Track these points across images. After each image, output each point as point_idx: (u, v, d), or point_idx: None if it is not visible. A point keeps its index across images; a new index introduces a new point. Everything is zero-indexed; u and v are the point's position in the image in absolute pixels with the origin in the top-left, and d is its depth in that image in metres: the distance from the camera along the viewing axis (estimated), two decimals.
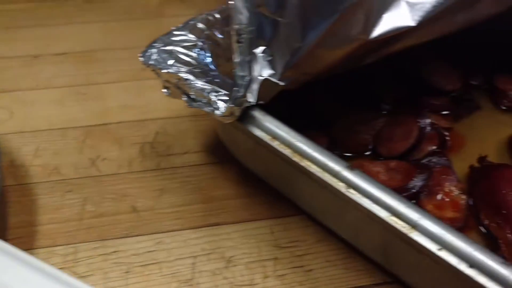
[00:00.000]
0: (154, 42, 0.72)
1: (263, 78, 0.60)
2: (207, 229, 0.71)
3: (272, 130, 0.59)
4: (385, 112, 0.88)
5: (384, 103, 0.89)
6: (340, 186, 0.53)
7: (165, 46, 0.70)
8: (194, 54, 0.69)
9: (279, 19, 0.59)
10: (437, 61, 0.93)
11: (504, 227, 0.65)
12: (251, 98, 0.60)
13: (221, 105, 0.59)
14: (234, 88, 0.57)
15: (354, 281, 0.65)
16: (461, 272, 0.46)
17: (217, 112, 0.59)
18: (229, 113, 0.58)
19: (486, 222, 0.69)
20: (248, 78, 0.57)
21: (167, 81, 0.69)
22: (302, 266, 0.67)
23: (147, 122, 0.88)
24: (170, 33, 0.74)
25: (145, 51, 0.71)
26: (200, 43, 0.72)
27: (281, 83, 0.62)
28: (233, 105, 0.57)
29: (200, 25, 0.75)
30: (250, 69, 0.57)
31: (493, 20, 0.95)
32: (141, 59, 0.70)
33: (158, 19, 1.18)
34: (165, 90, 0.71)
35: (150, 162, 0.81)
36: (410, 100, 0.91)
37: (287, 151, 0.57)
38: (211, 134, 0.85)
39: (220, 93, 0.59)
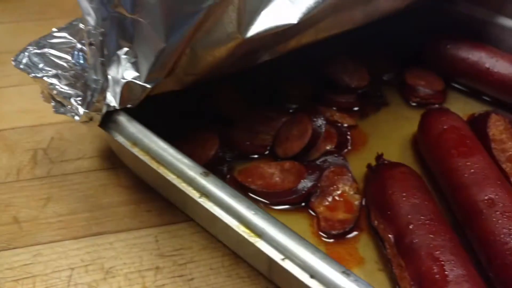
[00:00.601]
0: (29, 45, 0.68)
1: (125, 80, 0.57)
2: (90, 239, 0.68)
3: (133, 135, 0.56)
4: (291, 111, 0.86)
5: (289, 102, 0.87)
6: (194, 194, 0.50)
7: (38, 49, 0.67)
8: (69, 57, 0.66)
9: (140, 19, 0.56)
10: (344, 58, 0.92)
11: (387, 228, 0.64)
12: (114, 102, 0.57)
13: (81, 111, 0.56)
14: (88, 93, 0.54)
15: None
16: (303, 282, 0.44)
17: (76, 117, 0.56)
18: (88, 119, 0.56)
19: (375, 223, 0.67)
20: (102, 81, 0.54)
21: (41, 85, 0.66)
22: (183, 275, 0.64)
23: (43, 127, 0.85)
24: (49, 35, 0.71)
25: (18, 55, 0.67)
26: (79, 45, 0.69)
27: (148, 86, 0.59)
28: (87, 110, 0.54)
29: (81, 26, 0.71)
30: (104, 72, 0.54)
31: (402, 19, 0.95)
32: (13, 63, 0.67)
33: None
34: (41, 95, 0.68)
35: (40, 170, 0.78)
36: (317, 98, 0.89)
37: (145, 158, 0.54)
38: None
39: (80, 98, 0.56)
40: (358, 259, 0.66)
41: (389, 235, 0.63)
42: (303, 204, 0.71)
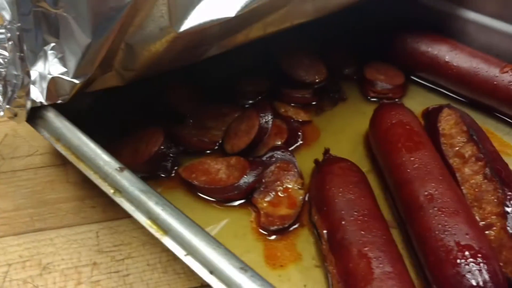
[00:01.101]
0: None
1: (52, 76, 0.57)
2: (31, 235, 0.68)
3: (57, 131, 0.56)
4: (247, 107, 0.85)
5: (245, 97, 0.87)
6: (108, 189, 0.50)
7: None
8: (6, 53, 0.66)
9: (64, 14, 0.56)
10: (300, 53, 0.91)
11: (322, 224, 0.63)
12: (41, 97, 0.57)
13: (3, 106, 0.56)
14: (9, 88, 0.54)
15: (171, 285, 0.63)
16: (202, 278, 0.44)
17: (1, 113, 0.56)
18: (12, 114, 0.55)
19: (315, 218, 0.66)
20: (22, 76, 0.54)
21: None
22: (119, 271, 0.64)
23: None
24: None
25: None
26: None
27: (76, 81, 0.58)
28: (9, 106, 0.54)
29: None
30: (24, 68, 0.54)
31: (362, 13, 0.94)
32: None
33: None
34: None
35: None
36: (274, 93, 0.89)
37: (67, 153, 0.54)
38: None
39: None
40: (295, 255, 0.65)
41: (324, 231, 0.62)
42: (246, 199, 0.71)
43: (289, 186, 0.72)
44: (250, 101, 0.86)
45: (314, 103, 0.88)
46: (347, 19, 0.90)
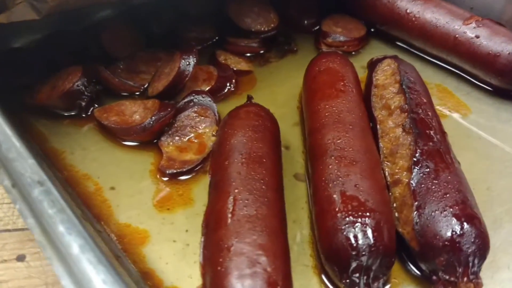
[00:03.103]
0: None
1: None
2: None
3: None
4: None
5: (187, 43, 0.82)
6: None
7: None
8: None
9: None
10: (250, 1, 0.84)
11: (211, 166, 0.58)
12: None
13: None
14: None
15: None
16: None
17: None
18: None
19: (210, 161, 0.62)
20: None
21: None
22: None
23: None
24: None
25: None
26: None
27: None
28: None
29: None
30: None
31: None
32: None
33: None
34: None
35: None
36: (220, 42, 0.84)
37: None
38: None
39: None
40: (187, 201, 0.61)
41: (210, 173, 0.58)
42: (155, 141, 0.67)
43: (204, 132, 0.68)
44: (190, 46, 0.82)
45: (261, 52, 0.83)
46: None
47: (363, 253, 0.47)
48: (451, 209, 0.49)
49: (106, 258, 0.42)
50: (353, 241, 0.47)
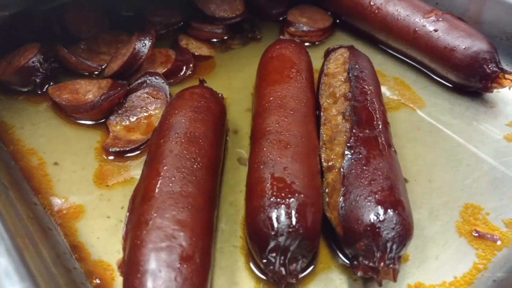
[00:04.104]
0: None
1: None
2: None
3: None
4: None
5: (155, 27, 0.82)
6: None
7: None
8: None
9: None
10: None
11: (150, 144, 0.58)
12: None
13: None
14: None
15: None
16: None
17: None
18: None
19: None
20: None
21: None
22: None
23: None
24: None
25: None
26: None
27: None
28: None
29: None
30: None
31: None
32: None
33: None
34: None
35: None
36: (185, 27, 0.84)
37: None
38: None
39: None
40: (127, 178, 0.61)
41: (147, 151, 0.58)
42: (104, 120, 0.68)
43: (153, 113, 0.68)
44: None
45: (225, 38, 0.83)
46: None
47: (282, 233, 0.47)
48: (376, 195, 0.49)
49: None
50: (273, 221, 0.47)
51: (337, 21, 0.86)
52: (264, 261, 0.47)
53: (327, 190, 0.54)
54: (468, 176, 0.62)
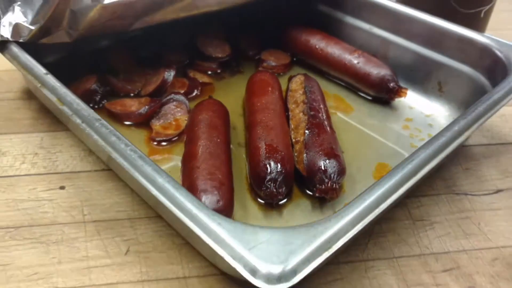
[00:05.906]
0: None
1: (16, 22, 0.91)
2: None
3: (20, 60, 0.89)
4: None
5: (169, 64, 1.19)
6: (53, 97, 0.83)
7: None
8: None
9: None
10: (211, 35, 1.24)
11: (186, 132, 0.94)
12: (8, 35, 0.91)
13: None
14: None
15: (82, 167, 0.94)
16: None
17: None
18: None
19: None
20: None
21: None
22: (51, 159, 0.95)
23: None
24: None
25: None
26: None
27: (32, 27, 0.92)
28: None
29: None
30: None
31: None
32: None
33: None
34: None
35: None
36: (191, 63, 1.21)
37: (30, 77, 0.87)
38: None
39: None
40: (169, 159, 0.95)
41: (185, 136, 0.93)
42: (147, 124, 1.02)
43: (179, 117, 1.03)
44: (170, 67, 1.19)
45: (219, 71, 1.20)
46: (257, 13, 1.23)
47: (273, 172, 0.83)
48: (323, 152, 0.86)
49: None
50: (268, 166, 0.83)
51: (294, 59, 1.25)
52: (264, 188, 0.83)
53: (296, 154, 0.91)
54: (377, 151, 1.00)
